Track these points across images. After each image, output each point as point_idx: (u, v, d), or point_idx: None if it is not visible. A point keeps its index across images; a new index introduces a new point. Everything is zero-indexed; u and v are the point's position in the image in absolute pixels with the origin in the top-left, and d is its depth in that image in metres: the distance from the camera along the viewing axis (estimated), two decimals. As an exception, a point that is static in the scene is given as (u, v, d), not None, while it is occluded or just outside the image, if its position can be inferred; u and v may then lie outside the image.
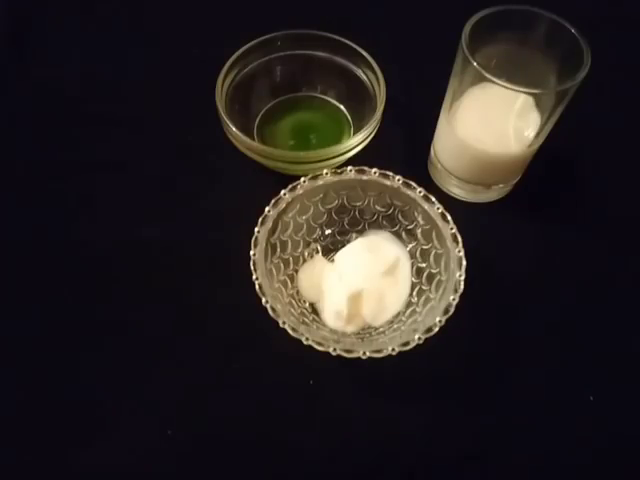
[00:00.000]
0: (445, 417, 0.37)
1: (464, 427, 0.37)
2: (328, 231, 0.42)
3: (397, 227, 0.41)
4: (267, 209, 0.36)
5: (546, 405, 0.37)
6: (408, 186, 0.38)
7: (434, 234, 0.38)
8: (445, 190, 0.46)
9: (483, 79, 0.35)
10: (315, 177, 0.38)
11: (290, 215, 0.38)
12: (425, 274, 0.39)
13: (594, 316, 0.41)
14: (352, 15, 0.56)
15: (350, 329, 0.37)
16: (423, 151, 0.47)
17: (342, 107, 0.49)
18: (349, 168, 0.38)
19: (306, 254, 0.41)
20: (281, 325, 0.32)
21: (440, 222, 0.36)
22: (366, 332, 0.38)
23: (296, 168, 0.42)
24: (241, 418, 0.37)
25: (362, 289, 0.37)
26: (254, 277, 0.34)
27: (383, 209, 0.41)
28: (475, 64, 0.35)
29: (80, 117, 0.50)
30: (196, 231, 0.43)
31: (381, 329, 0.37)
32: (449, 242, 0.36)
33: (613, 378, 0.38)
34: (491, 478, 0.36)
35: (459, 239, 0.35)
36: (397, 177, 0.38)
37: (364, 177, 0.38)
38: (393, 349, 0.32)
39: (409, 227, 0.40)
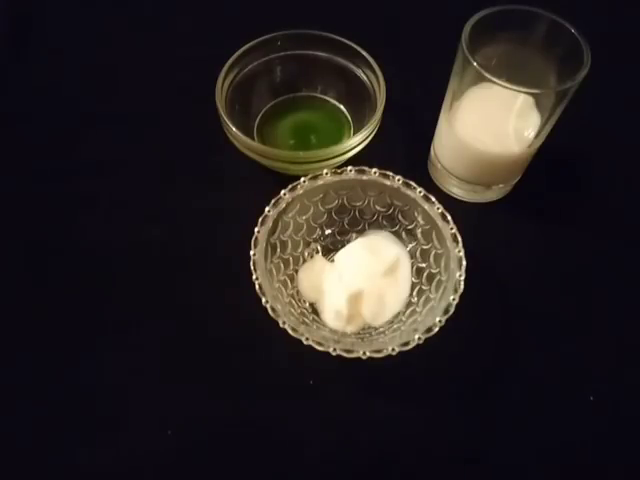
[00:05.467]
0: (445, 417, 0.37)
1: (464, 427, 0.37)
2: (328, 231, 0.42)
3: (397, 227, 0.41)
4: (267, 209, 0.36)
5: (546, 405, 0.37)
6: (408, 186, 0.38)
7: (434, 234, 0.38)
8: (445, 190, 0.46)
9: (483, 79, 0.35)
10: (315, 177, 0.38)
11: (290, 215, 0.38)
12: (425, 274, 0.39)
13: (594, 316, 0.41)
14: (352, 15, 0.56)
15: (350, 329, 0.37)
16: (423, 151, 0.47)
17: (342, 107, 0.49)
18: (349, 168, 0.38)
19: (306, 254, 0.41)
20: (281, 325, 0.32)
21: (440, 222, 0.36)
22: (366, 332, 0.38)
23: (296, 168, 0.42)
24: (241, 418, 0.37)
25: (362, 289, 0.37)
26: (254, 277, 0.34)
27: (383, 209, 0.41)
28: (475, 64, 0.35)
29: (80, 117, 0.50)
30: (196, 231, 0.43)
31: (381, 329, 0.37)
32: (449, 242, 0.36)
33: (613, 378, 0.38)
34: (491, 478, 0.36)
35: (459, 239, 0.35)
36: (397, 177, 0.38)
37: (364, 177, 0.38)
38: (393, 349, 0.32)
39: (409, 227, 0.40)
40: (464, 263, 0.35)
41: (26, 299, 0.41)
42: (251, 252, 0.35)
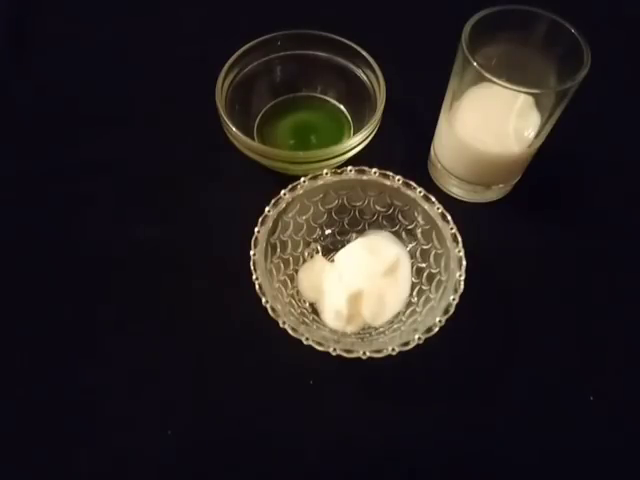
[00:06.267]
0: (445, 417, 0.37)
1: (464, 427, 0.37)
2: (328, 231, 0.42)
3: (397, 227, 0.41)
4: (267, 209, 0.36)
5: (546, 405, 0.37)
6: (408, 186, 0.38)
7: (434, 234, 0.38)
8: (445, 190, 0.46)
9: (483, 79, 0.35)
10: (315, 177, 0.38)
11: (290, 215, 0.38)
12: (425, 274, 0.39)
13: (594, 316, 0.41)
14: (352, 15, 0.56)
15: (350, 329, 0.37)
16: (423, 151, 0.47)
17: (342, 107, 0.49)
18: (349, 168, 0.38)
19: (306, 254, 0.41)
20: (281, 325, 0.32)
21: (440, 222, 0.36)
22: (366, 332, 0.38)
23: (296, 168, 0.42)
24: (241, 418, 0.37)
25: (362, 289, 0.37)
26: (254, 277, 0.34)
27: (383, 209, 0.41)
28: (475, 64, 0.35)
29: (80, 117, 0.50)
30: (196, 231, 0.43)
31: (381, 329, 0.37)
32: (449, 242, 0.36)
33: (613, 378, 0.38)
34: (491, 478, 0.36)
35: (459, 239, 0.35)
36: (397, 177, 0.38)
37: (364, 177, 0.38)
38: (393, 349, 0.32)
39: (409, 227, 0.40)
40: (464, 263, 0.35)
41: (25, 298, 0.41)
42: (251, 252, 0.35)
